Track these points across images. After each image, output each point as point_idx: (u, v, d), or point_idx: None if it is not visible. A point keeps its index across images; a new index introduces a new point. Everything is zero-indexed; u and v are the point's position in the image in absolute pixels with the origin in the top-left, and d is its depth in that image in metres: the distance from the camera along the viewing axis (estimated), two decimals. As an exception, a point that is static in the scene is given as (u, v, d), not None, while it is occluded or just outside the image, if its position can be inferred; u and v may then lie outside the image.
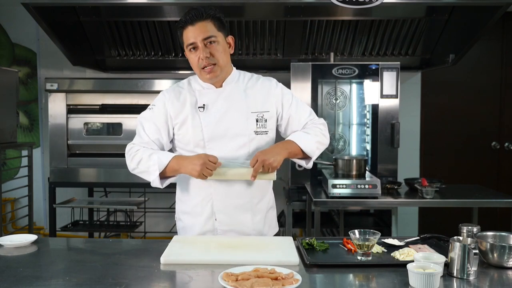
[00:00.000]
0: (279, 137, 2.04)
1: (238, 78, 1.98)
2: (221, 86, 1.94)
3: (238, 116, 1.91)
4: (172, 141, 1.99)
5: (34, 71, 4.44)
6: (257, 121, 1.93)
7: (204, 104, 1.91)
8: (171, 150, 2.00)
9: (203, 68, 1.85)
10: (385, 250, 1.73)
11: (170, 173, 1.85)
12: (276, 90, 1.98)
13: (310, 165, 1.99)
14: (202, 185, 1.93)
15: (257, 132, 1.92)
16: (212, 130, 1.89)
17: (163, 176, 1.85)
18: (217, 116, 1.90)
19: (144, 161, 1.85)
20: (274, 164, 1.81)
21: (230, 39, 1.91)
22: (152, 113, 1.95)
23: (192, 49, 1.84)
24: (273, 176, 1.85)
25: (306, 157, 1.97)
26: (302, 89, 3.51)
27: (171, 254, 1.63)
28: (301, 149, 1.92)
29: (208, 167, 1.76)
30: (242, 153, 1.91)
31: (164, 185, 1.88)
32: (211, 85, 1.94)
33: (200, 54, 1.82)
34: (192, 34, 1.81)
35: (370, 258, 1.62)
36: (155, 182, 1.85)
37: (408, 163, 4.36)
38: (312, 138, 1.94)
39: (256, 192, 1.96)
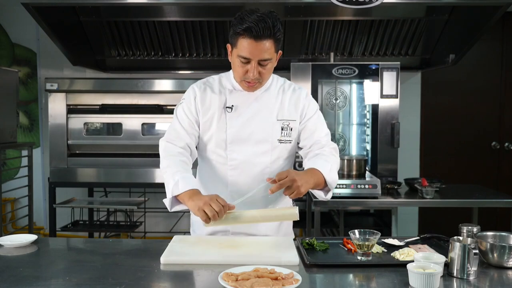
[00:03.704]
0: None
1: (271, 83, 1.90)
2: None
3: (264, 122, 1.86)
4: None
5: (34, 71, 4.44)
6: (282, 129, 1.87)
7: (232, 105, 1.86)
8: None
9: (245, 80, 1.78)
10: (385, 250, 1.73)
11: (181, 201, 1.75)
12: (304, 101, 1.91)
13: (329, 196, 1.88)
14: (220, 185, 1.90)
15: (280, 140, 1.88)
16: (236, 132, 1.85)
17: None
18: (244, 119, 1.85)
19: (168, 174, 1.77)
20: (301, 190, 1.68)
21: (279, 54, 1.80)
22: (186, 107, 1.87)
23: (242, 60, 1.73)
24: (295, 215, 1.67)
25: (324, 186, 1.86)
26: (302, 89, 3.51)
27: (171, 254, 1.63)
28: (324, 179, 1.81)
29: (213, 205, 1.61)
30: (263, 160, 1.87)
31: (172, 210, 1.78)
32: None
33: (250, 72, 1.73)
34: (250, 50, 1.69)
35: (370, 258, 1.62)
36: (166, 203, 1.78)
37: (408, 163, 4.36)
38: (334, 168, 1.85)
39: (273, 198, 1.91)
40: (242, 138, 1.85)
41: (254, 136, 1.86)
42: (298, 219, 1.67)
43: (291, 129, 1.89)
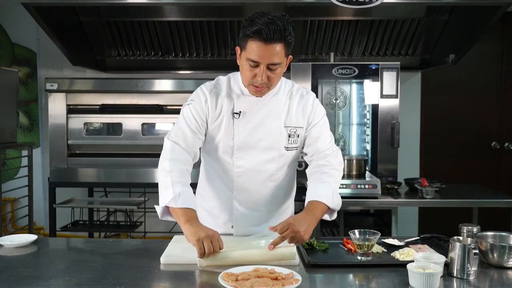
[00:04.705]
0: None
1: (279, 89, 1.85)
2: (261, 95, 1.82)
3: (272, 128, 1.82)
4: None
5: (34, 71, 4.44)
6: (289, 136, 1.84)
7: (240, 111, 1.81)
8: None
9: (253, 84, 1.73)
10: (385, 250, 1.73)
11: (173, 214, 1.69)
12: (311, 107, 1.88)
13: (333, 217, 1.86)
14: (223, 189, 1.89)
15: (287, 148, 1.85)
16: (243, 139, 1.81)
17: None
18: (251, 125, 1.81)
19: (168, 180, 1.70)
20: (305, 238, 1.65)
21: (289, 59, 1.77)
22: (194, 109, 1.82)
23: (251, 63, 1.67)
24: (293, 255, 1.58)
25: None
26: (302, 89, 3.51)
27: (171, 254, 1.63)
28: (327, 206, 1.80)
29: (212, 243, 1.54)
30: (270, 168, 1.85)
31: (162, 218, 1.72)
32: None
33: (259, 76, 1.68)
34: (259, 53, 1.64)
35: (370, 258, 1.62)
36: (158, 210, 1.71)
37: (408, 163, 4.36)
38: (336, 189, 1.83)
39: (276, 205, 1.90)
40: (249, 145, 1.82)
41: (261, 143, 1.83)
42: (296, 258, 1.61)
43: (298, 136, 1.86)
